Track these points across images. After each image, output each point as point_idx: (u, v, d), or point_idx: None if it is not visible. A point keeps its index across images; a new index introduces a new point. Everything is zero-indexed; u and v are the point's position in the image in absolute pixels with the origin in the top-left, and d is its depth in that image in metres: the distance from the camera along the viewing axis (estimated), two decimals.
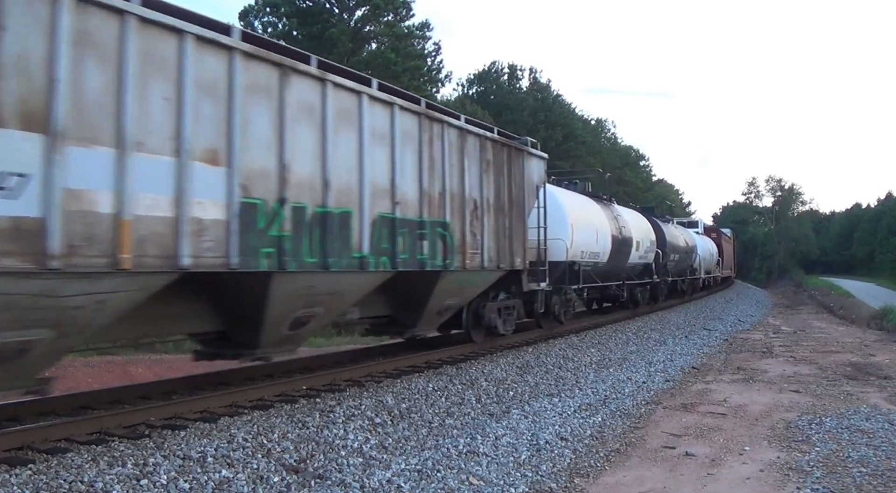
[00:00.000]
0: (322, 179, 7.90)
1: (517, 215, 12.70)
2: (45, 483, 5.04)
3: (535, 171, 13.61)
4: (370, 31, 34.01)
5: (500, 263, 11.93)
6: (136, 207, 5.89)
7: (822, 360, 13.98)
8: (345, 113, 8.34)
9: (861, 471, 6.46)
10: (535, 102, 52.18)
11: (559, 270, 15.09)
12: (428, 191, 9.94)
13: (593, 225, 17.52)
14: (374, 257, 8.68)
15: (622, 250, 19.48)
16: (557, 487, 6.12)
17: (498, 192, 12.00)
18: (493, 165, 11.82)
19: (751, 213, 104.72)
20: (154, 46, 6.10)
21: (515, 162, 12.77)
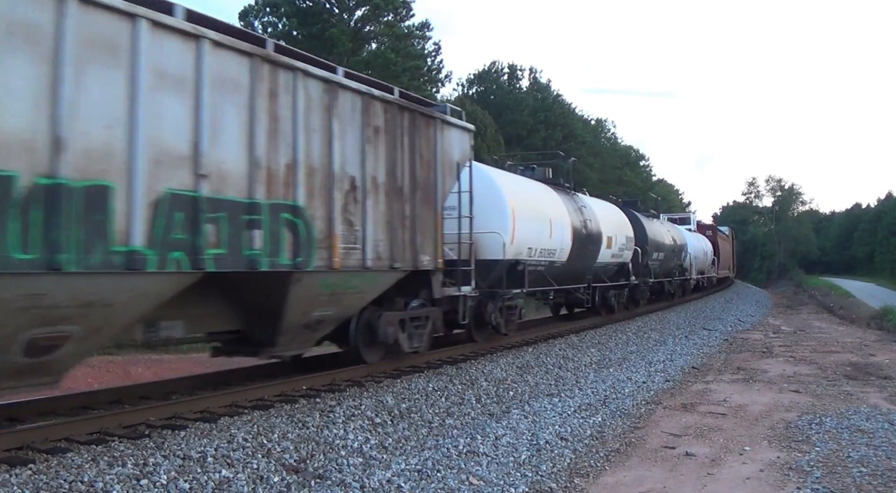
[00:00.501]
0: (50, 136, 5.35)
1: (425, 201, 10.04)
2: (45, 483, 5.04)
3: (455, 145, 10.88)
4: (370, 31, 33.99)
5: (393, 261, 9.30)
6: None
7: (822, 360, 13.98)
8: (102, 42, 5.75)
9: (861, 471, 6.46)
10: (535, 102, 52.16)
11: (495, 270, 12.50)
12: (266, 162, 7.25)
13: (545, 216, 14.52)
14: (158, 252, 6.17)
15: (588, 248, 16.82)
16: (557, 487, 6.12)
17: (393, 169, 9.35)
18: (385, 134, 9.22)
19: (751, 213, 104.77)
20: None
21: (423, 132, 10.09)
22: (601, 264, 18.22)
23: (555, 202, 15.67)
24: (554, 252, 14.81)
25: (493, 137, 39.54)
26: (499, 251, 12.36)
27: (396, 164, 9.47)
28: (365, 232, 8.81)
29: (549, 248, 14.51)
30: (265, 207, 7.25)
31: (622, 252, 19.78)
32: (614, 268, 19.70)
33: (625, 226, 20.56)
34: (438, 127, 10.54)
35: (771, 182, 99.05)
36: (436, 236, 10.35)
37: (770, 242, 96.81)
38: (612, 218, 19.61)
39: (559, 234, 15.00)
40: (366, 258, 8.82)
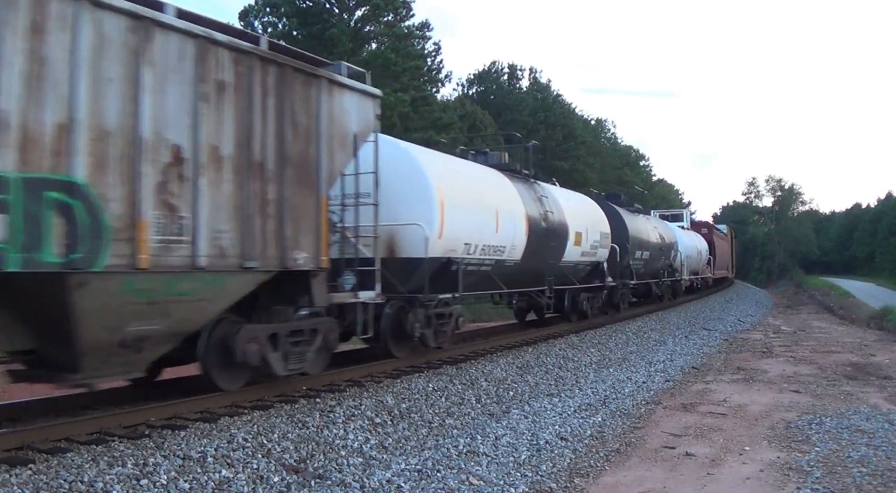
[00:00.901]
0: None
1: (301, 182, 7.92)
2: (45, 483, 5.04)
3: (351, 113, 8.72)
4: (370, 31, 33.98)
5: (245, 259, 7.21)
6: None
7: (822, 360, 13.98)
8: None
9: (861, 471, 6.46)
10: (535, 102, 52.19)
11: (417, 271, 10.33)
12: (19, 120, 5.42)
13: (489, 207, 12.17)
14: None
15: (549, 244, 14.43)
16: (557, 487, 6.12)
17: (247, 139, 7.24)
18: (235, 93, 7.13)
19: (751, 213, 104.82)
20: None
21: (300, 94, 7.94)
22: (569, 263, 16.02)
23: (504, 190, 13.23)
24: (502, 249, 12.57)
25: (493, 137, 39.54)
26: (420, 247, 10.18)
27: (254, 132, 7.30)
28: (197, 220, 6.70)
29: (496, 244, 12.27)
30: (14, 183, 5.34)
31: (595, 250, 17.57)
32: (586, 268, 17.51)
33: (599, 221, 18.15)
34: (325, 89, 8.29)
35: (771, 182, 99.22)
36: (317, 228, 8.11)
37: (770, 242, 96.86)
38: (582, 211, 17.19)
39: (509, 227, 12.69)
40: (197, 255, 6.70)
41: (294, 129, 7.86)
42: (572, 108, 58.40)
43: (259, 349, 7.55)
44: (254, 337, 7.54)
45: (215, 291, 7.03)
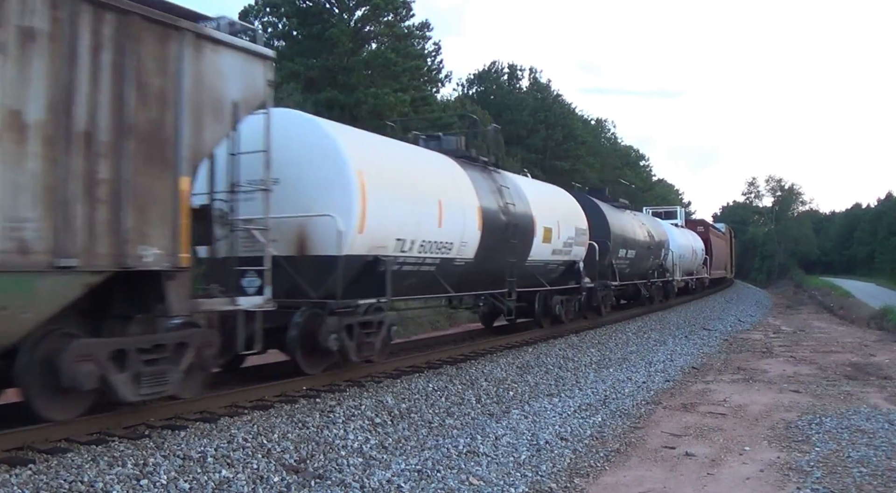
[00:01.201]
0: None
1: (150, 159, 6.36)
2: (45, 483, 5.04)
3: (230, 77, 7.14)
4: (370, 31, 33.97)
5: (59, 255, 5.67)
6: None
7: (822, 360, 13.98)
8: None
9: (861, 471, 6.46)
10: (535, 102, 52.18)
11: (332, 272, 8.62)
12: None
13: (431, 196, 10.42)
14: None
15: (509, 241, 12.54)
16: (557, 487, 6.12)
17: (66, 102, 5.72)
18: (50, 44, 5.61)
19: (751, 213, 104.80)
20: None
21: (151, 50, 6.39)
22: (536, 262, 14.20)
23: (454, 178, 11.34)
24: (448, 246, 10.76)
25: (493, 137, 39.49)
26: (331, 243, 8.51)
27: (77, 94, 5.81)
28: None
29: (440, 240, 10.45)
30: None
31: (570, 248, 15.82)
32: (559, 268, 15.72)
33: (574, 216, 16.30)
34: (189, 44, 6.70)
35: (771, 182, 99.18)
36: (174, 218, 6.55)
37: (770, 242, 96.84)
38: (553, 205, 15.35)
39: (457, 221, 10.89)
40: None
41: (141, 92, 6.27)
42: (572, 108, 58.44)
43: (96, 370, 6.02)
44: (87, 354, 6.00)
45: (21, 297, 5.52)
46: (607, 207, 19.58)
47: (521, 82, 55.62)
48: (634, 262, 21.13)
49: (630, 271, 20.97)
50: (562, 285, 15.82)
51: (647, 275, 23.41)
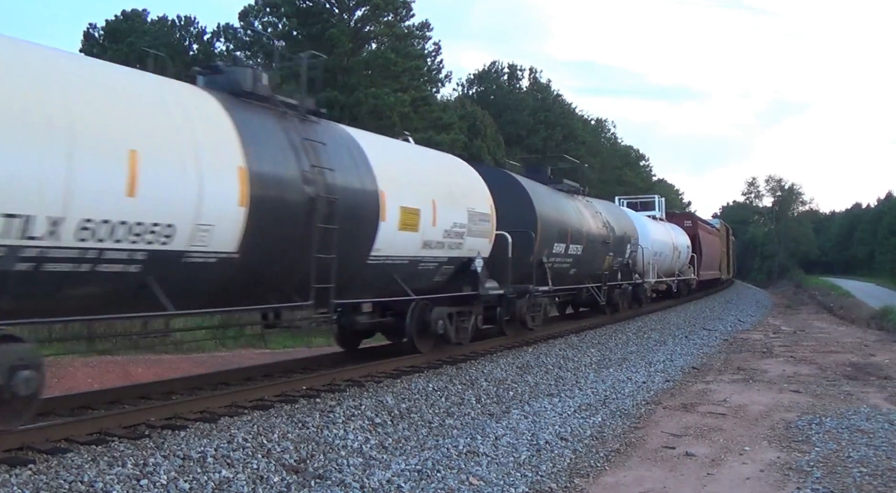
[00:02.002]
0: None
1: None
2: (45, 483, 5.04)
3: None
4: (370, 31, 33.98)
5: None
6: None
7: (822, 360, 13.98)
8: None
9: (861, 471, 6.46)
10: (535, 102, 52.25)
11: None
12: None
13: (110, 143, 6.17)
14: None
15: (316, 225, 8.14)
16: (557, 487, 6.12)
17: None
18: None
19: (751, 213, 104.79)
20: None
21: None
22: (393, 260, 9.78)
23: (191, 120, 7.03)
24: (163, 230, 6.56)
25: (493, 137, 39.55)
26: None
27: None
28: None
29: (136, 220, 6.30)
30: None
31: (460, 240, 11.07)
32: (443, 268, 11.06)
33: (468, 195, 11.51)
34: None
35: (771, 182, 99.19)
36: None
37: (770, 243, 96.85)
38: (424, 176, 10.72)
39: (176, 187, 6.66)
40: None
41: None
42: (572, 108, 58.52)
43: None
44: None
45: None
46: (535, 186, 14.48)
47: (521, 82, 55.71)
48: (582, 260, 16.34)
49: (577, 272, 16.38)
50: (450, 291, 11.32)
51: (604, 277, 18.33)
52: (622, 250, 19.67)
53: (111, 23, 38.48)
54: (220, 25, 37.29)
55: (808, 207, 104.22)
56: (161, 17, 40.96)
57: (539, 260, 14.03)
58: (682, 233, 28.92)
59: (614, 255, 18.91)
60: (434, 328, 10.82)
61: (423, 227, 10.24)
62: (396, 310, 10.58)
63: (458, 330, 11.58)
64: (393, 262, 9.85)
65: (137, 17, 39.28)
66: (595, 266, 17.73)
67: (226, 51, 36.20)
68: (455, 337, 11.46)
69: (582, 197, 18.30)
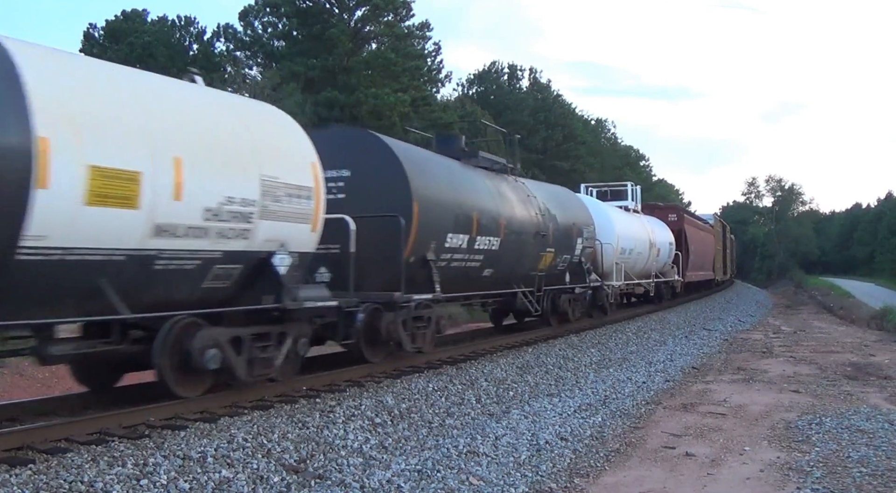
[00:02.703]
0: None
1: None
2: (45, 483, 5.03)
3: None
4: (370, 31, 34.00)
5: None
6: None
7: (822, 360, 13.98)
8: None
9: (861, 471, 6.46)
10: (535, 102, 52.23)
11: None
12: None
13: None
14: None
15: None
16: (557, 487, 6.12)
17: None
18: None
19: (751, 213, 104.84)
20: None
21: None
22: (71, 253, 5.93)
23: None
24: None
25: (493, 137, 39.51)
26: None
27: None
28: None
29: None
30: None
31: (243, 225, 7.33)
32: (206, 269, 7.17)
33: (262, 151, 7.72)
34: None
35: (771, 182, 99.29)
36: None
37: (770, 243, 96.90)
38: (156, 112, 6.75)
39: None
40: None
41: None
42: (572, 108, 58.50)
43: None
44: None
45: None
46: (416, 155, 11.02)
47: (521, 82, 55.70)
48: (502, 258, 12.54)
49: (495, 272, 12.53)
50: (242, 304, 7.69)
51: (539, 280, 14.40)
52: (569, 246, 15.58)
53: (111, 23, 38.44)
54: (220, 25, 37.28)
55: (808, 207, 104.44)
56: (161, 17, 40.96)
57: (421, 257, 10.39)
58: (663, 228, 25.09)
59: (557, 251, 14.86)
60: (200, 362, 6.98)
61: (151, 201, 6.41)
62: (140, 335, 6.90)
63: (255, 363, 7.66)
64: (82, 258, 6.04)
65: (137, 17, 39.27)
66: (525, 266, 13.77)
67: (226, 51, 36.23)
68: (248, 373, 7.59)
69: (513, 177, 14.24)
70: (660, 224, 25.18)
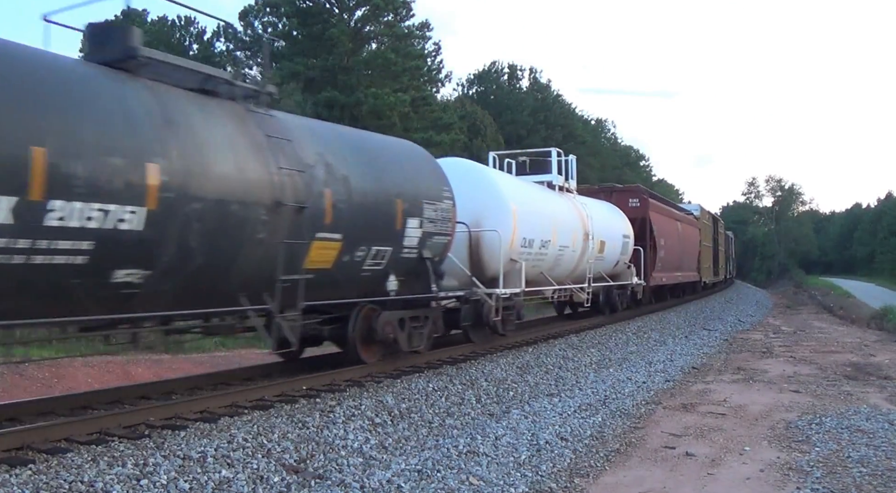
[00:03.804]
0: None
1: None
2: (45, 483, 5.03)
3: None
4: (370, 31, 34.00)
5: None
6: None
7: (822, 360, 13.98)
8: None
9: (861, 471, 6.46)
10: (535, 102, 52.30)
11: None
12: None
13: None
14: None
15: None
16: (557, 487, 6.12)
17: None
18: None
19: (751, 213, 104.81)
20: None
21: None
22: None
23: None
24: None
25: (493, 137, 39.57)
26: None
27: None
28: None
29: None
30: None
31: None
32: None
33: None
34: None
35: (771, 182, 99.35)
36: None
37: (770, 242, 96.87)
38: None
39: None
40: None
41: None
42: (572, 108, 58.58)
43: None
44: None
45: None
46: None
47: (521, 82, 55.76)
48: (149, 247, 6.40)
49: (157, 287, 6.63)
50: None
51: (291, 291, 7.89)
52: (386, 230, 9.46)
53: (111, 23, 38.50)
54: (220, 25, 37.28)
55: (808, 207, 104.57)
56: (161, 17, 41.00)
57: None
58: (614, 215, 19.36)
59: (348, 239, 8.70)
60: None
61: None
62: None
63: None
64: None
65: (138, 17, 39.30)
66: (239, 265, 7.45)
67: (226, 51, 36.23)
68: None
69: None
70: (611, 210, 19.45)
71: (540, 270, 14.34)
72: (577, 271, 16.16)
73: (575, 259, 15.88)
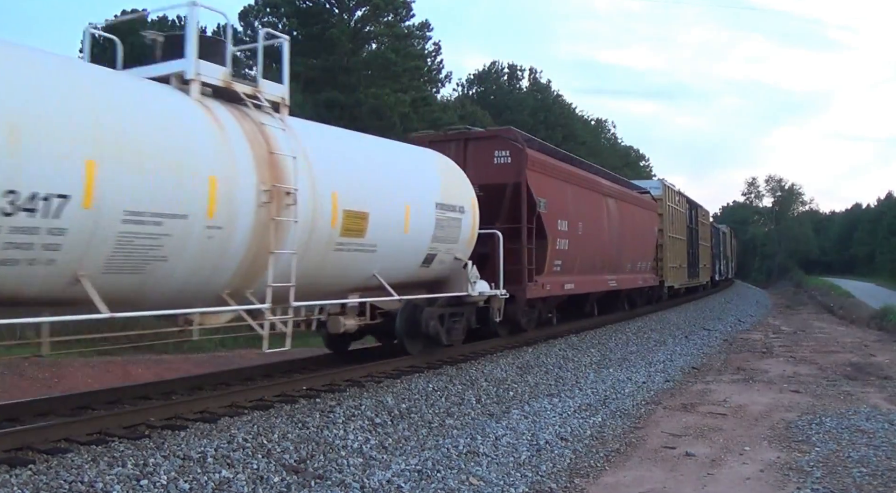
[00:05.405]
0: None
1: None
2: (45, 483, 5.04)
3: None
4: (370, 31, 34.01)
5: None
6: None
7: (822, 360, 13.98)
8: None
9: (861, 471, 6.46)
10: (535, 102, 52.31)
11: None
12: None
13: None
14: None
15: None
16: (557, 487, 6.12)
17: None
18: None
19: (751, 213, 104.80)
20: None
21: None
22: None
23: None
24: None
25: None
26: None
27: None
28: None
29: None
30: None
31: None
32: None
33: None
34: None
35: (771, 182, 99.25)
36: None
37: (770, 242, 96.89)
38: None
39: None
40: None
41: None
42: (572, 108, 58.58)
43: None
44: None
45: None
46: None
47: (521, 82, 55.77)
48: None
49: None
50: None
51: None
52: None
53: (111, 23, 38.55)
54: (220, 25, 37.25)
55: (808, 207, 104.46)
56: (161, 17, 40.99)
57: None
58: (426, 166, 10.65)
59: None
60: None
61: None
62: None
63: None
64: None
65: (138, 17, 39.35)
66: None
67: None
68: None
69: None
70: (417, 159, 10.65)
71: None
72: (247, 273, 7.47)
73: (232, 248, 7.16)
